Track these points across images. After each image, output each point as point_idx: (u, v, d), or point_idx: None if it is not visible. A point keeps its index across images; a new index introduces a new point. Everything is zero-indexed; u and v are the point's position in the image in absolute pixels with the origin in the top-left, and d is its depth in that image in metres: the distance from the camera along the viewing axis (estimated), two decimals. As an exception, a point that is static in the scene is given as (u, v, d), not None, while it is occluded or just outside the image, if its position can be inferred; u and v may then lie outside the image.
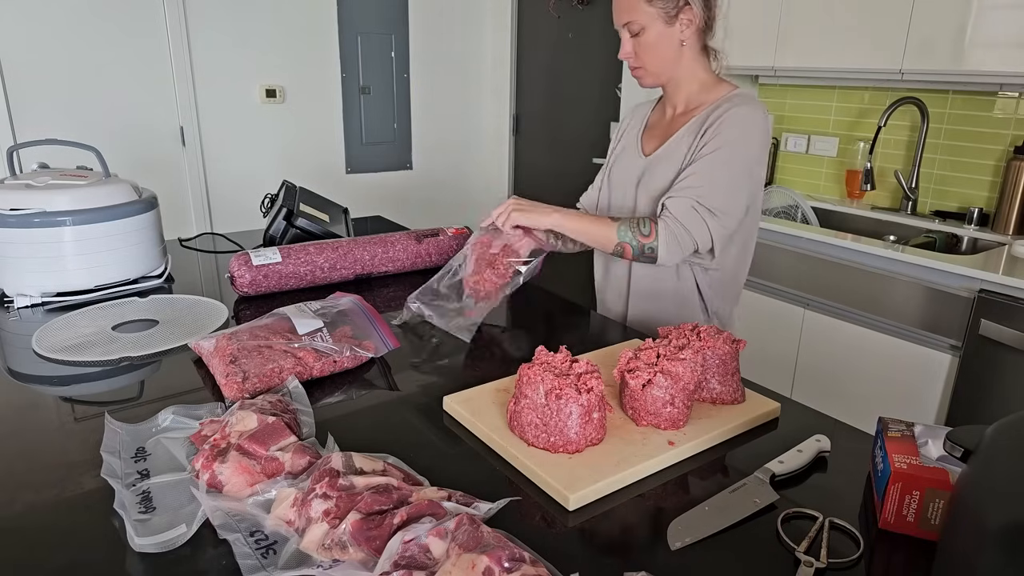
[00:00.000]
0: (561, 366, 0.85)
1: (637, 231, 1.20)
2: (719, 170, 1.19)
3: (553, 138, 3.62)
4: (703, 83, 1.28)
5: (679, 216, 1.18)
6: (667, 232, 1.18)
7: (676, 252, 1.20)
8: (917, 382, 1.94)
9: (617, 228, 1.20)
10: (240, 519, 0.68)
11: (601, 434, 0.83)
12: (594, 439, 0.82)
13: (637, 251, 1.20)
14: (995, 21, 1.90)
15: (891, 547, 0.69)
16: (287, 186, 1.77)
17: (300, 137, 3.30)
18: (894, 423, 0.79)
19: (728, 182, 1.19)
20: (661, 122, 1.35)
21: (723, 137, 1.19)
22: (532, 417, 0.81)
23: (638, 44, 1.24)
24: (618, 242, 1.21)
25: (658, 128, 1.35)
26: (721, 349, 0.93)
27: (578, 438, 0.80)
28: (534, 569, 0.58)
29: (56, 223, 1.28)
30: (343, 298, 1.18)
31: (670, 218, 1.19)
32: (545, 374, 0.82)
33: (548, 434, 0.80)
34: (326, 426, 0.88)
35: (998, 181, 2.21)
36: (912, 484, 0.68)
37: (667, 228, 1.18)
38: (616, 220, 1.22)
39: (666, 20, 1.21)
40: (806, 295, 2.18)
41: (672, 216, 1.19)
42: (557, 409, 0.80)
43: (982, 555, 0.49)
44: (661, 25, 1.21)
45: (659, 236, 1.19)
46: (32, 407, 0.93)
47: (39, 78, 2.65)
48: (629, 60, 1.27)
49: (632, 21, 1.22)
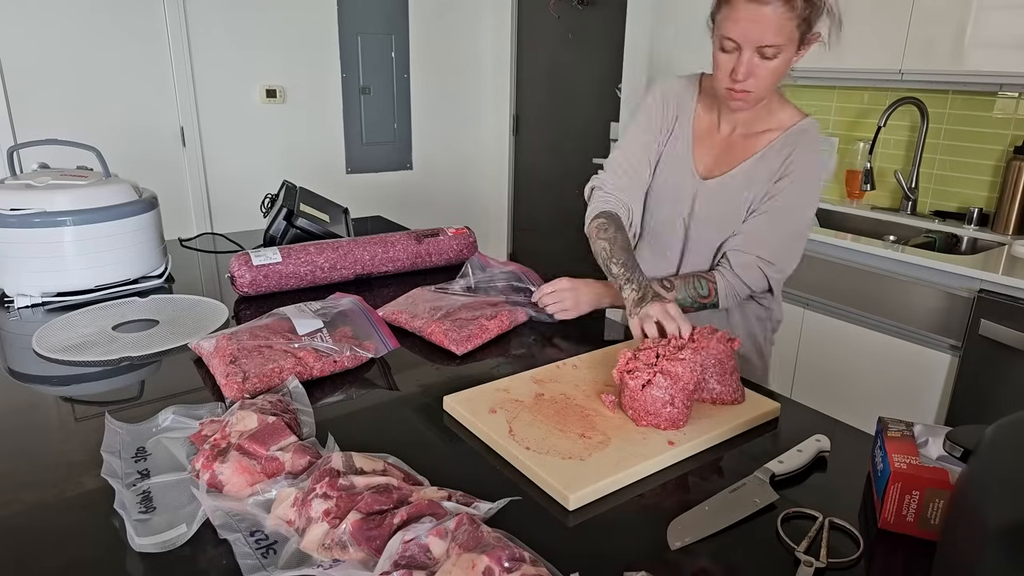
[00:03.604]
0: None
1: (696, 294, 1.19)
2: (788, 223, 1.17)
3: (553, 138, 3.62)
4: (769, 101, 1.19)
5: (741, 274, 1.18)
6: (727, 287, 1.19)
7: (732, 301, 1.21)
8: (917, 382, 1.94)
9: (675, 297, 1.16)
10: (240, 519, 0.68)
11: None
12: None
13: (698, 309, 1.21)
14: (995, 21, 1.90)
15: (891, 547, 0.69)
16: (287, 186, 1.77)
17: (300, 137, 3.30)
18: (894, 423, 0.79)
19: (793, 236, 1.19)
20: (715, 136, 1.23)
21: (798, 187, 1.15)
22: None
23: (763, 67, 1.06)
24: None
25: (714, 143, 1.23)
26: (716, 349, 0.93)
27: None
28: (534, 569, 0.58)
29: (56, 223, 1.28)
30: (343, 299, 1.18)
31: (730, 275, 1.18)
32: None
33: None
34: (326, 426, 0.88)
35: (998, 181, 2.21)
36: (912, 484, 0.69)
37: (727, 284, 1.19)
38: (669, 289, 1.17)
39: (798, 44, 1.06)
40: (806, 295, 2.18)
41: (734, 273, 1.18)
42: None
43: (982, 555, 0.49)
44: (793, 49, 1.07)
45: (718, 291, 1.19)
46: (32, 407, 0.93)
47: (39, 78, 2.65)
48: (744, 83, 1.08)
49: (772, 42, 1.03)
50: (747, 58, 1.06)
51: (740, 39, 1.04)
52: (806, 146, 1.17)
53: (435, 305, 1.22)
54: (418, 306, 1.23)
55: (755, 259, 1.17)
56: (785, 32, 1.03)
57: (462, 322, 1.16)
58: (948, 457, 0.73)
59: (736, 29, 1.04)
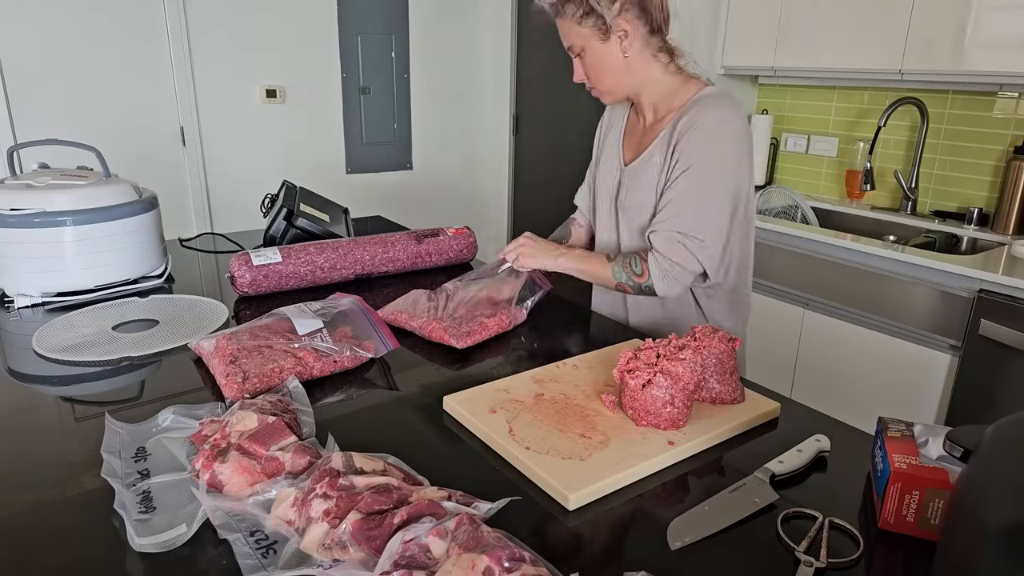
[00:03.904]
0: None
1: (631, 271, 1.21)
2: (693, 194, 1.17)
3: (553, 138, 3.62)
4: (667, 87, 1.23)
5: (664, 252, 1.19)
6: (658, 268, 1.19)
7: (673, 285, 1.20)
8: (917, 382, 1.94)
9: (612, 269, 1.23)
10: (240, 519, 0.68)
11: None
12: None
13: (636, 290, 1.22)
14: (995, 21, 1.90)
15: (891, 547, 0.69)
16: (287, 186, 1.77)
17: (300, 137, 3.30)
18: (894, 423, 0.79)
19: (704, 204, 1.18)
20: (637, 127, 1.33)
21: (691, 155, 1.16)
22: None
23: (586, 66, 1.22)
24: (616, 282, 1.23)
25: (636, 134, 1.32)
26: (717, 348, 0.93)
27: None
28: (534, 569, 0.58)
29: (56, 223, 1.28)
30: (343, 299, 1.18)
31: (658, 254, 1.19)
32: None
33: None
34: (326, 426, 0.88)
35: (998, 181, 2.21)
36: (912, 484, 0.68)
37: (657, 264, 1.19)
38: (611, 261, 1.23)
39: (600, 38, 1.18)
40: (806, 295, 2.18)
41: (659, 253, 1.19)
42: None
43: (982, 555, 0.49)
44: (597, 43, 1.18)
45: (651, 274, 1.20)
46: (32, 407, 0.93)
47: (39, 78, 2.65)
48: (586, 83, 1.24)
49: (572, 44, 1.20)
50: (575, 62, 1.24)
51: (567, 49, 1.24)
52: (697, 112, 1.17)
53: (434, 303, 1.23)
54: (418, 305, 1.23)
55: (674, 234, 1.18)
56: (573, 32, 1.19)
57: (461, 320, 1.18)
58: (948, 457, 0.73)
59: None
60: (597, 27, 1.16)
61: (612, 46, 1.18)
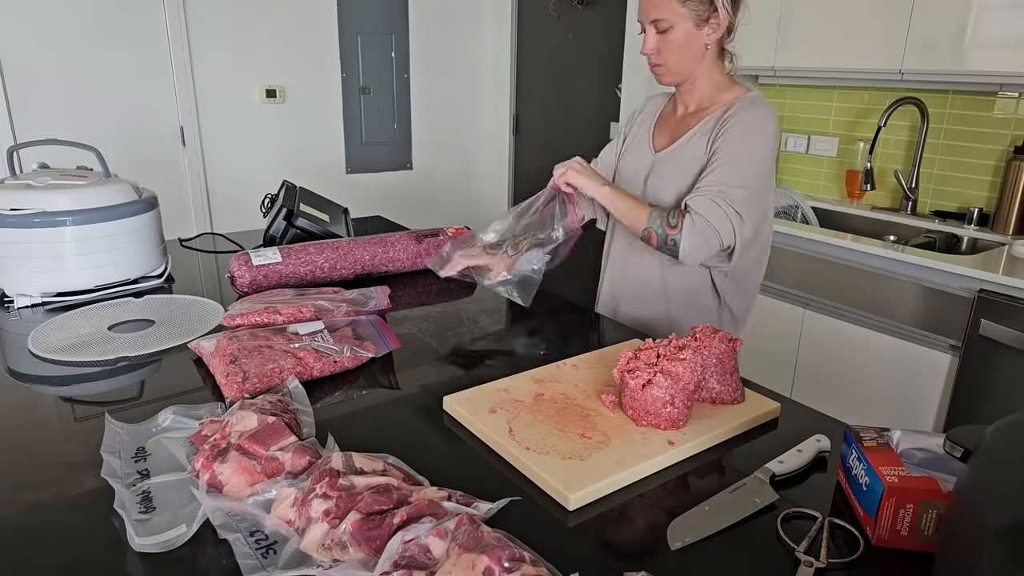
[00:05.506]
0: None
1: (665, 221, 1.22)
2: (737, 172, 1.20)
3: (553, 138, 3.62)
4: (717, 84, 1.30)
5: (704, 212, 1.19)
6: (691, 227, 1.19)
7: (700, 249, 1.20)
8: (917, 382, 1.94)
9: (648, 214, 1.23)
10: (240, 519, 0.68)
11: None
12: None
13: (661, 240, 1.22)
14: (995, 21, 1.90)
15: (891, 547, 0.69)
16: (287, 186, 1.77)
17: (300, 137, 3.30)
18: (864, 431, 0.76)
19: (747, 183, 1.21)
20: (672, 118, 1.37)
21: (738, 140, 1.21)
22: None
23: (663, 42, 1.24)
24: (646, 227, 1.24)
25: (669, 124, 1.37)
26: (717, 348, 0.93)
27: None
28: (534, 569, 0.58)
29: (56, 223, 1.28)
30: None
31: (695, 214, 1.20)
32: None
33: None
34: (326, 426, 0.88)
35: (998, 181, 2.21)
36: (905, 497, 0.66)
37: (692, 224, 1.19)
38: (651, 207, 1.25)
39: (696, 22, 1.22)
40: (806, 295, 2.18)
41: (697, 212, 1.20)
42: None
43: (982, 555, 0.49)
44: (691, 26, 1.22)
45: (683, 230, 1.20)
46: (32, 407, 0.93)
47: (39, 78, 2.65)
48: (651, 56, 1.26)
49: (662, 19, 1.22)
50: (650, 33, 1.25)
51: (640, 17, 1.26)
52: (743, 108, 1.24)
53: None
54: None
55: (715, 198, 1.19)
56: (670, 7, 1.20)
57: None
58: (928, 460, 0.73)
59: (639, 10, 1.26)
60: (698, 12, 1.21)
61: (702, 33, 1.23)
